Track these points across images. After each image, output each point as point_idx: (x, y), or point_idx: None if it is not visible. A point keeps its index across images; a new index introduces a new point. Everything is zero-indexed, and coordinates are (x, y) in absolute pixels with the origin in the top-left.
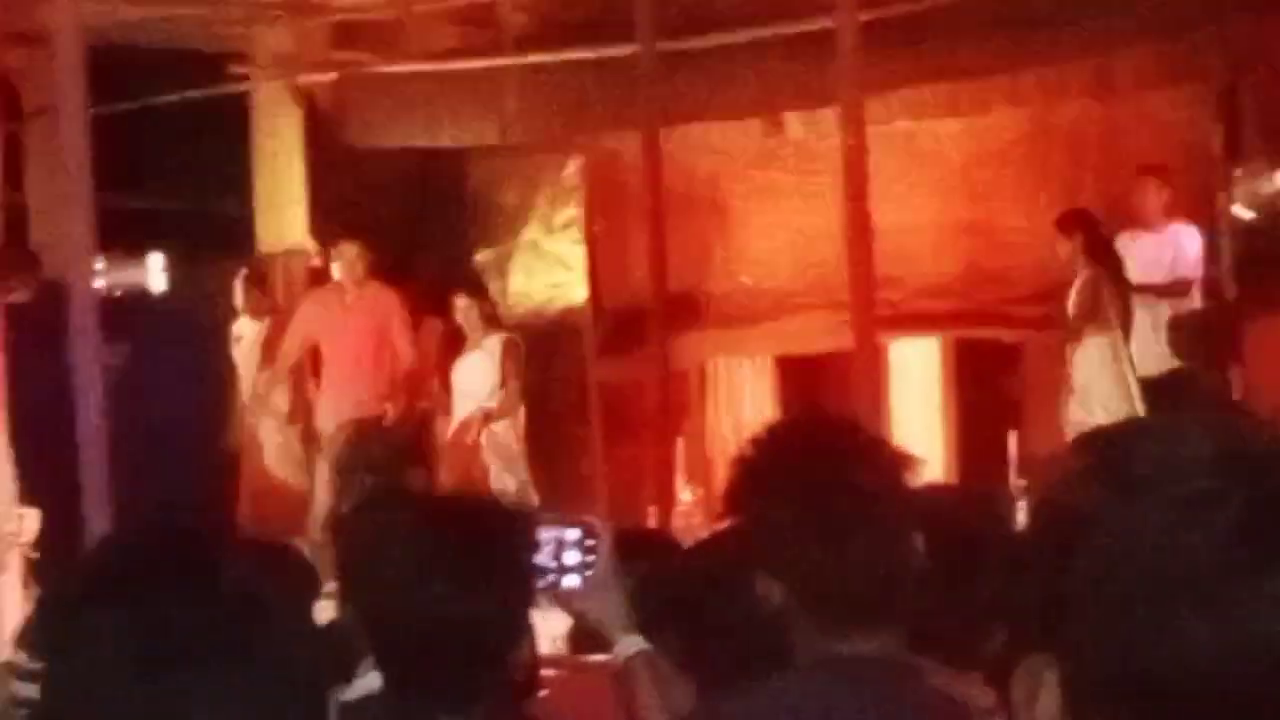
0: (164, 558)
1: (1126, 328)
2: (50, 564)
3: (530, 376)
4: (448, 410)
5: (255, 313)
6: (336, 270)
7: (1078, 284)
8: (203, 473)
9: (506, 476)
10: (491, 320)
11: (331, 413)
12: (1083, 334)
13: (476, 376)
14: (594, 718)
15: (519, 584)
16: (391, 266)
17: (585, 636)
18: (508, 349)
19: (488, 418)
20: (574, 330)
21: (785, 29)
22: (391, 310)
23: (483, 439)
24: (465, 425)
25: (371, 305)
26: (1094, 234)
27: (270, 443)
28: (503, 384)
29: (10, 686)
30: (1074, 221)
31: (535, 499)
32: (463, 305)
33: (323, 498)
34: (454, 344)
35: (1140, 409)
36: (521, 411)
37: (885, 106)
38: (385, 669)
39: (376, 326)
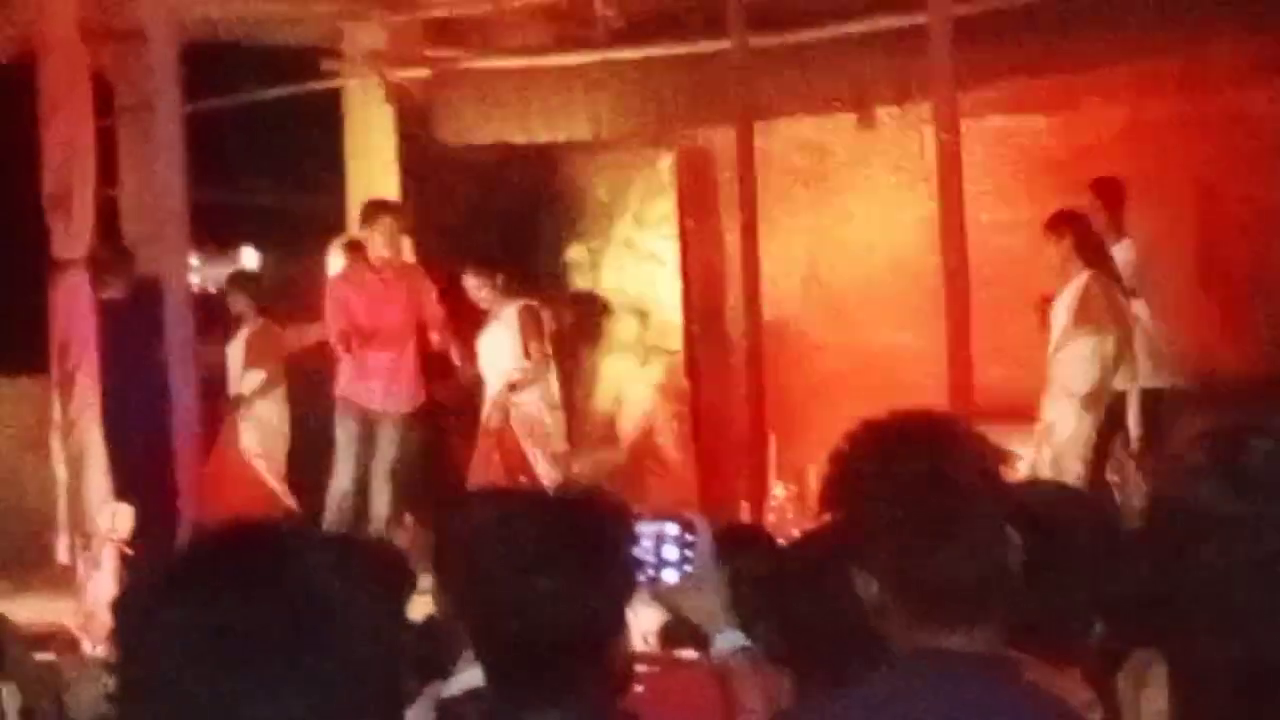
0: (235, 557)
1: (1126, 329)
2: (145, 560)
3: None
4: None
5: (244, 319)
6: (373, 244)
7: (1070, 287)
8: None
9: (538, 453)
10: (508, 291)
11: (364, 394)
12: (1076, 338)
13: (498, 348)
14: (687, 714)
15: (621, 579)
16: (480, 262)
17: (677, 632)
18: (524, 316)
19: (512, 388)
20: (667, 325)
21: (878, 24)
22: (425, 286)
23: (512, 414)
24: (495, 406)
25: (408, 281)
26: (1085, 235)
27: (251, 436)
28: (525, 353)
29: (105, 683)
30: (1064, 222)
31: (568, 475)
32: (472, 284)
33: (381, 504)
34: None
35: (1135, 415)
36: (552, 380)
37: (978, 102)
38: (486, 664)
39: (413, 302)
